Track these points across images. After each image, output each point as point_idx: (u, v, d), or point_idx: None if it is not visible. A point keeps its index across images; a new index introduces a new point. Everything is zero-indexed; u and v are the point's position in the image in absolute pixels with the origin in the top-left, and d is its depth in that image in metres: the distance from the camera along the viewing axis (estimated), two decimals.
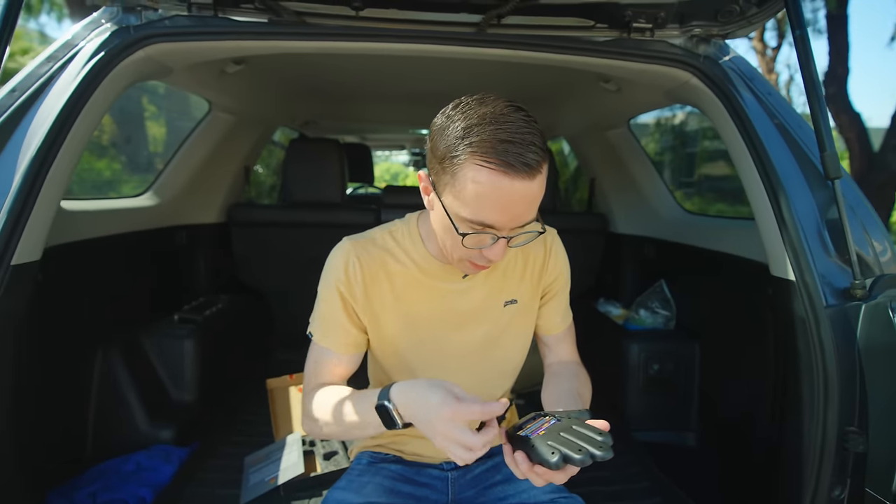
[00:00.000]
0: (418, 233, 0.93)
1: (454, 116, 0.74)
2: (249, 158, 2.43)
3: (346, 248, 0.91)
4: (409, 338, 0.95)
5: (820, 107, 1.04)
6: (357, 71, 1.88)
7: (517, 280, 0.97)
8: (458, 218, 0.76)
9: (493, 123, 0.70)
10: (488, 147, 0.70)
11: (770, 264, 1.15)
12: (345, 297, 0.90)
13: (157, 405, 1.60)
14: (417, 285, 0.92)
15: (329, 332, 0.91)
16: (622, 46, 1.22)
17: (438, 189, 0.77)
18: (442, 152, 0.74)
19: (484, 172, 0.70)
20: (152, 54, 1.17)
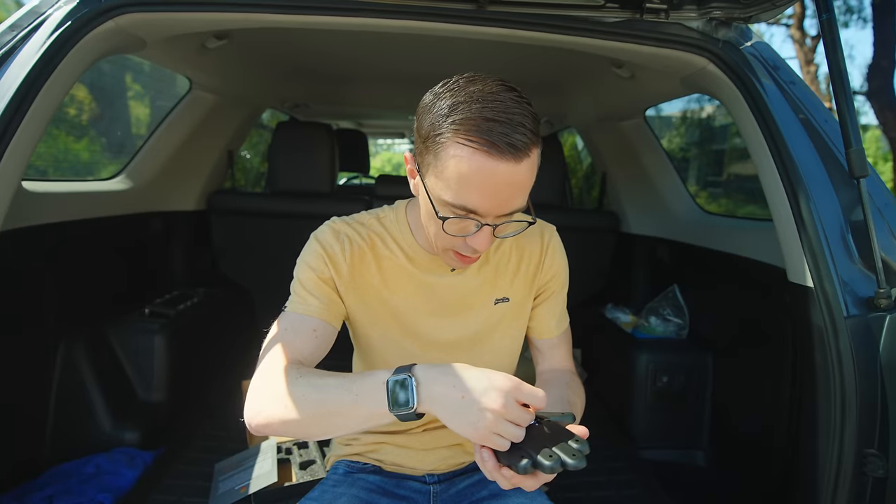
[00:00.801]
0: (406, 221, 0.94)
1: (442, 94, 0.75)
2: (233, 142, 2.44)
3: (336, 226, 0.91)
4: (392, 329, 0.95)
5: (846, 99, 1.04)
6: (350, 50, 1.88)
7: (510, 277, 0.98)
8: (439, 201, 0.75)
9: (481, 102, 0.70)
10: (472, 125, 0.69)
11: (787, 269, 1.14)
12: (329, 269, 0.88)
13: (122, 405, 1.61)
14: (404, 274, 0.93)
15: (307, 298, 0.87)
16: (634, 28, 1.21)
17: (422, 170, 0.78)
18: (426, 131, 0.74)
19: (466, 152, 0.70)
20: (124, 25, 1.17)
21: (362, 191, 4.04)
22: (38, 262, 1.42)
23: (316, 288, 0.88)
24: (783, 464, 1.33)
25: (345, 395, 0.69)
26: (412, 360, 0.94)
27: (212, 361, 2.04)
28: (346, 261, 0.89)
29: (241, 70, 2.07)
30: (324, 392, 0.70)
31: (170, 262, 2.18)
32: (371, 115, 4.08)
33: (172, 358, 1.74)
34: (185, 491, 1.38)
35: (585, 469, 1.18)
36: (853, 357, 0.97)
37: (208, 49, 1.66)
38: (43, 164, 5.05)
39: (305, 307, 0.87)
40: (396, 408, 0.66)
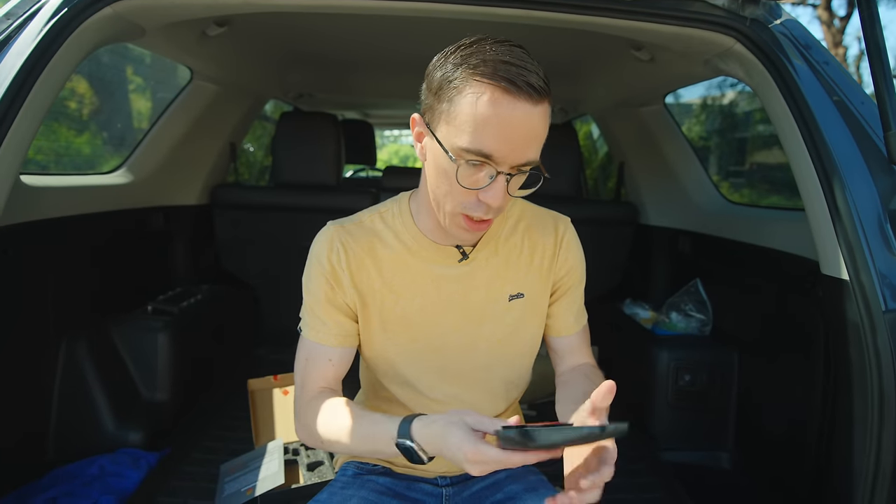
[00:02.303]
0: (409, 210, 0.93)
1: (452, 51, 0.77)
2: (236, 134, 2.44)
3: (329, 234, 0.92)
4: (401, 337, 0.93)
5: (886, 79, 1.01)
6: (356, 35, 1.87)
7: (523, 271, 0.96)
8: (454, 149, 0.75)
9: (495, 50, 0.73)
10: (490, 67, 0.71)
11: (820, 261, 1.11)
12: (331, 286, 0.90)
13: (126, 405, 1.62)
14: (408, 272, 0.92)
15: (317, 324, 0.92)
16: (654, 6, 1.18)
17: (433, 124, 0.78)
18: (438, 82, 0.76)
19: (484, 88, 0.72)
20: (121, 12, 1.17)
21: (369, 183, 4.04)
22: (37, 258, 1.43)
23: (324, 312, 0.91)
24: (815, 467, 1.31)
25: (371, 445, 0.82)
26: (420, 371, 0.95)
27: (217, 360, 2.05)
28: (344, 270, 0.90)
29: (242, 58, 2.06)
30: (352, 439, 0.83)
31: (172, 257, 2.19)
32: (377, 105, 4.07)
33: (176, 356, 1.75)
34: (190, 493, 1.39)
35: None
36: (892, 353, 0.95)
37: (209, 37, 1.65)
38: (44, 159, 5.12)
39: (316, 334, 0.91)
40: (415, 461, 0.77)
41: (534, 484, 0.99)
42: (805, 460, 1.36)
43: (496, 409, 1.03)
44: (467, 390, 0.99)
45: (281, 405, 1.75)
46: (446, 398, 0.98)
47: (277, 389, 1.78)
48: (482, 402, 1.01)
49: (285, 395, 1.77)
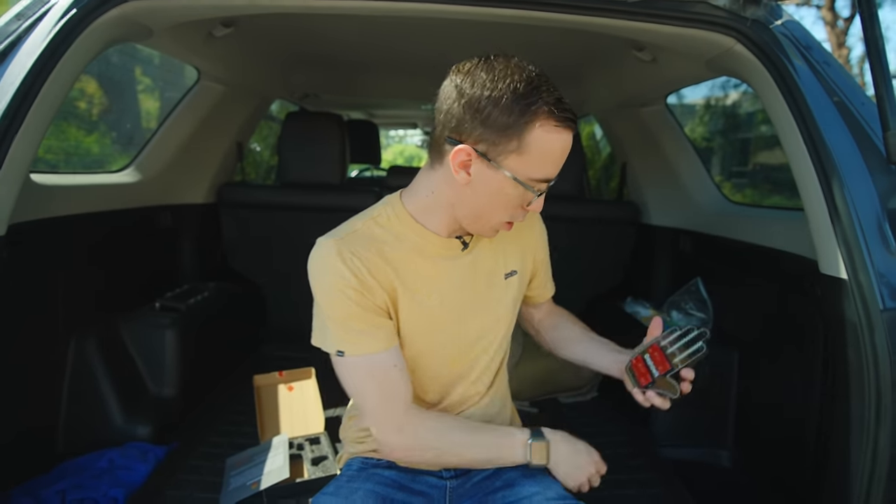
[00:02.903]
0: (407, 212, 0.95)
1: (493, 84, 0.82)
2: (242, 134, 2.45)
3: (333, 247, 0.90)
4: (425, 330, 0.97)
5: (885, 79, 1.00)
6: (360, 36, 1.87)
7: (514, 250, 1.06)
8: (529, 180, 0.86)
9: (542, 84, 0.83)
10: (553, 110, 0.82)
11: (819, 260, 1.11)
12: (361, 293, 0.89)
13: (135, 400, 1.64)
14: (419, 267, 0.95)
15: (360, 338, 0.90)
16: (655, 7, 1.18)
17: (497, 159, 0.84)
18: (502, 122, 0.82)
19: (555, 132, 0.83)
20: (129, 13, 1.18)
21: (373, 183, 4.04)
22: (47, 256, 1.45)
23: (363, 322, 0.90)
24: (813, 465, 1.30)
25: (488, 454, 0.97)
26: (440, 353, 0.99)
27: (224, 356, 2.06)
28: (366, 274, 0.90)
29: (249, 59, 2.07)
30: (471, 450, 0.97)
31: (180, 255, 2.21)
32: (382, 105, 4.08)
33: (184, 353, 1.76)
34: (197, 486, 1.39)
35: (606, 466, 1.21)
36: (889, 352, 0.95)
37: (215, 37, 1.66)
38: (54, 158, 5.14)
39: (367, 346, 0.91)
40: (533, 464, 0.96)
41: (531, 471, 1.01)
42: (804, 458, 1.35)
43: (488, 381, 1.08)
44: (472, 368, 1.04)
45: (286, 401, 1.76)
46: (451, 378, 1.03)
47: (282, 385, 1.79)
48: (482, 376, 1.06)
49: (290, 391, 1.78)
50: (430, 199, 0.93)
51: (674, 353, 0.96)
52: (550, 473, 0.97)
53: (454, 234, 0.97)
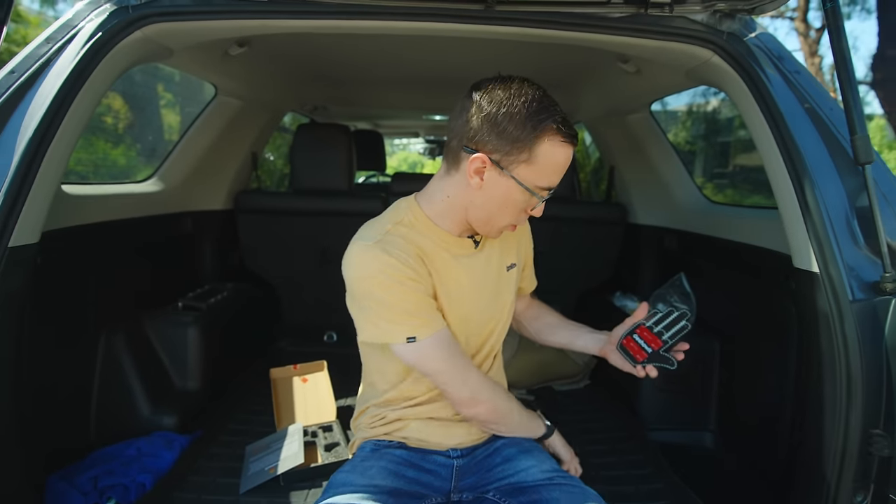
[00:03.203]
0: (425, 215, 1.00)
1: (509, 102, 0.87)
2: (257, 144, 2.45)
3: (375, 247, 0.93)
4: (452, 319, 1.01)
5: (851, 87, 1.00)
6: (363, 53, 1.88)
7: (512, 245, 1.12)
8: (535, 187, 0.92)
9: (550, 105, 0.89)
10: (560, 127, 0.88)
11: (793, 255, 1.11)
12: (415, 280, 0.93)
13: (160, 392, 1.65)
14: (444, 263, 0.99)
15: (427, 320, 0.94)
16: (639, 23, 1.18)
17: (508, 167, 0.90)
18: (515, 135, 0.87)
19: (558, 145, 0.89)
20: (151, 35, 1.18)
21: (379, 188, 4.05)
22: (78, 260, 1.46)
23: (426, 306, 0.95)
24: (790, 445, 1.31)
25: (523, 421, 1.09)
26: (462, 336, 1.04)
27: (241, 351, 2.07)
28: (414, 263, 0.94)
29: (262, 75, 2.08)
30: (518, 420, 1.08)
31: (200, 258, 2.21)
32: (387, 116, 4.08)
33: (205, 348, 1.76)
34: (218, 472, 1.40)
35: (597, 449, 1.25)
36: (859, 340, 0.95)
37: (231, 56, 1.67)
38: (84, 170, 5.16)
39: (436, 326, 0.95)
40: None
41: (527, 447, 1.04)
42: (780, 439, 1.36)
43: (490, 363, 1.12)
44: (481, 349, 1.08)
45: (300, 392, 1.76)
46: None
47: (297, 378, 1.80)
48: (487, 358, 1.10)
49: (304, 382, 1.79)
50: (446, 203, 0.98)
51: (661, 331, 1.01)
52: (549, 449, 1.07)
53: (465, 234, 1.02)
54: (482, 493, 0.99)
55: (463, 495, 1.01)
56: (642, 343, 1.03)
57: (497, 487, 0.98)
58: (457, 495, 1.02)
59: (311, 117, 3.31)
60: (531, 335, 1.26)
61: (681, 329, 1.00)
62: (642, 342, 1.03)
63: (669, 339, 1.00)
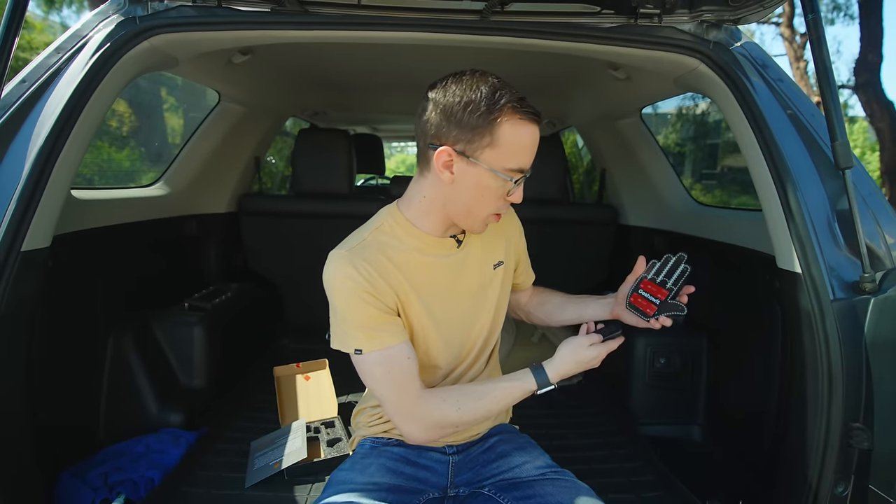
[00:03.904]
0: (405, 218, 0.98)
1: (462, 91, 0.86)
2: (259, 149, 2.46)
3: (345, 257, 0.91)
4: (433, 324, 0.99)
5: (832, 94, 1.02)
6: (363, 61, 1.89)
7: (500, 243, 1.08)
8: (505, 170, 0.89)
9: (504, 88, 0.87)
10: (516, 106, 0.86)
11: (777, 256, 1.13)
12: (373, 295, 0.91)
13: (167, 390, 1.65)
14: (424, 267, 0.97)
15: (375, 335, 0.91)
16: (629, 33, 1.20)
17: (474, 155, 0.88)
18: (474, 122, 0.86)
19: (520, 125, 0.87)
20: (157, 45, 1.19)
21: (378, 191, 4.05)
22: (88, 262, 1.46)
23: (377, 321, 0.91)
24: (774, 437, 1.32)
25: (502, 404, 0.96)
26: (449, 343, 1.01)
27: (246, 350, 2.07)
28: (377, 278, 0.91)
29: (264, 82, 2.08)
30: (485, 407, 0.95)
31: (205, 260, 2.22)
32: (385, 121, 4.09)
33: (210, 347, 1.77)
34: (224, 467, 1.41)
35: (590, 443, 1.23)
36: (839, 338, 0.96)
37: (234, 64, 1.67)
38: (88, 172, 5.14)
39: (380, 342, 0.91)
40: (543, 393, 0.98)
41: (522, 444, 1.05)
42: (765, 431, 1.37)
43: (484, 360, 1.10)
44: (472, 349, 1.06)
45: (303, 389, 1.77)
46: (454, 359, 1.04)
47: (300, 375, 1.80)
48: (479, 357, 1.08)
49: (307, 380, 1.79)
50: (424, 204, 0.96)
51: (664, 280, 1.00)
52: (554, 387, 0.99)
53: (448, 233, 1.00)
54: (478, 489, 0.99)
55: (459, 490, 1.02)
56: (649, 296, 1.00)
57: (492, 483, 0.98)
58: (453, 490, 1.02)
59: (311, 122, 3.31)
60: (542, 321, 1.23)
61: (682, 273, 1.00)
62: (649, 296, 1.00)
63: (674, 285, 0.99)
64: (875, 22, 7.05)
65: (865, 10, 7.20)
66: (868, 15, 7.14)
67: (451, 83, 0.88)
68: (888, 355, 0.92)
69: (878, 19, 7.01)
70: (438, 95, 0.88)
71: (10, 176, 0.99)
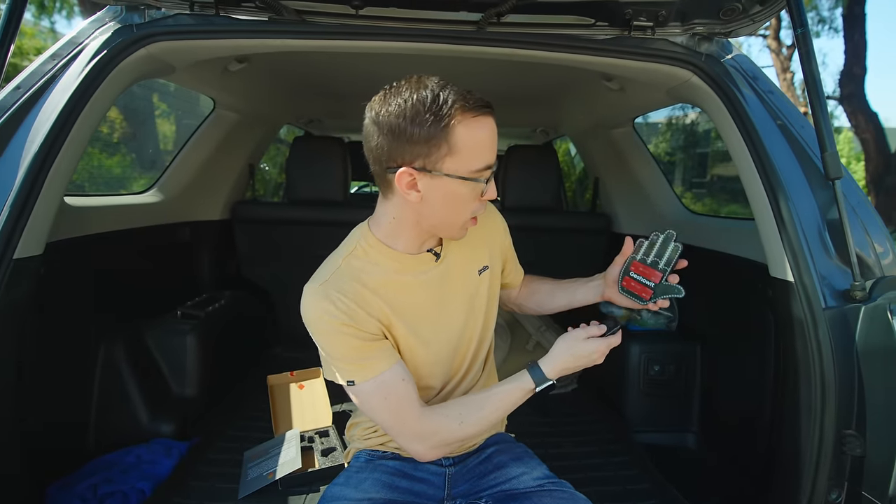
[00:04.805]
0: (378, 240, 0.94)
1: (404, 104, 0.81)
2: (254, 156, 2.45)
3: (319, 291, 0.89)
4: (419, 345, 0.96)
5: (821, 106, 1.04)
6: (358, 70, 1.89)
7: (483, 247, 1.05)
8: (471, 173, 0.85)
9: (445, 87, 0.82)
10: (463, 104, 0.81)
11: (769, 265, 1.14)
12: (354, 327, 0.88)
13: (159, 400, 1.63)
14: (404, 288, 0.94)
15: (365, 364, 0.89)
16: (622, 45, 1.22)
17: (435, 167, 0.83)
18: (424, 133, 0.81)
19: (474, 123, 0.82)
20: (154, 52, 1.19)
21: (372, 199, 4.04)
22: (81, 269, 1.44)
23: (363, 351, 0.89)
24: (768, 445, 1.33)
25: (501, 412, 0.94)
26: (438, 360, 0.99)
27: (239, 358, 2.05)
28: (355, 308, 0.88)
29: (260, 90, 2.08)
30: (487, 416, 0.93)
31: (199, 267, 2.20)
32: None
33: (203, 356, 1.75)
34: (217, 478, 1.39)
35: (585, 451, 1.22)
36: (832, 346, 0.98)
37: (230, 72, 1.68)
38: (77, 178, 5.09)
39: (372, 370, 0.89)
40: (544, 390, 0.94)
41: (519, 454, 1.04)
42: (760, 439, 1.38)
43: (479, 367, 1.08)
44: (465, 358, 1.04)
45: (297, 398, 1.76)
46: (449, 371, 1.02)
47: (294, 384, 1.79)
48: (472, 364, 1.06)
49: (301, 389, 1.78)
50: (394, 225, 0.92)
51: (655, 261, 0.97)
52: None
53: (424, 248, 0.96)
54: (475, 500, 0.98)
55: (456, 502, 1.00)
56: (642, 279, 0.98)
57: (489, 494, 0.97)
58: (450, 502, 1.01)
59: (306, 129, 3.31)
60: (534, 311, 1.22)
61: (673, 251, 0.97)
62: (641, 278, 0.98)
63: (666, 265, 0.96)
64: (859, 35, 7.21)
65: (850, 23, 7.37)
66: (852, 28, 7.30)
67: (389, 98, 0.84)
68: (878, 363, 0.93)
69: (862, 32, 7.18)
70: (381, 115, 0.83)
71: (3, 183, 0.98)
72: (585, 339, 0.95)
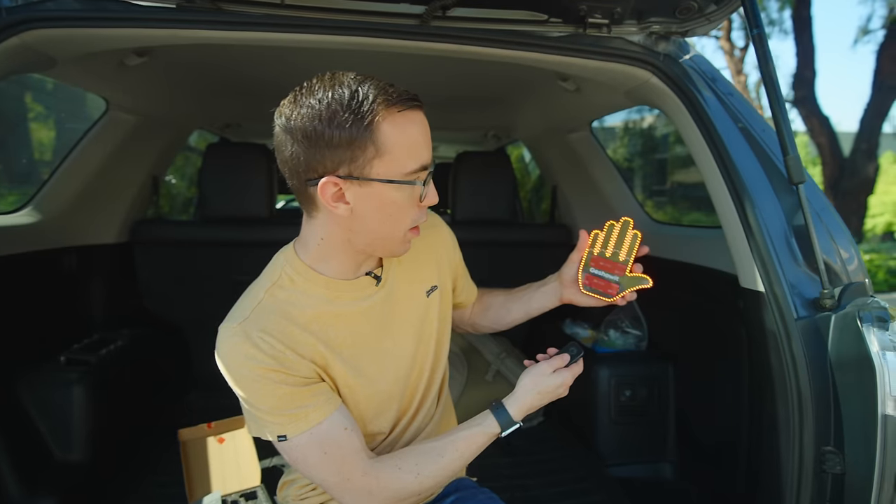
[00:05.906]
0: (305, 266, 0.90)
1: (319, 105, 0.78)
2: (158, 167, 2.34)
3: (239, 332, 0.84)
4: (361, 382, 0.93)
5: (781, 109, 1.13)
6: (285, 66, 1.86)
7: (431, 266, 1.04)
8: (406, 175, 0.82)
9: (365, 81, 0.79)
10: (385, 98, 0.78)
11: (739, 275, 1.22)
12: (282, 373, 0.83)
13: (35, 468, 1.48)
14: (339, 320, 0.90)
15: (299, 413, 0.84)
16: (577, 43, 1.28)
17: (363, 173, 0.80)
18: (346, 137, 0.78)
19: (402, 119, 0.80)
20: (30, 42, 1.11)
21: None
22: None
23: (296, 399, 0.84)
24: (747, 468, 1.40)
25: (464, 460, 0.93)
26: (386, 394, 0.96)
27: (143, 410, 1.92)
28: (283, 350, 0.84)
29: (165, 89, 2.00)
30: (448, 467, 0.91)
31: (88, 302, 2.05)
32: None
33: (95, 410, 1.62)
34: None
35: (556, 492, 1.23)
36: (806, 358, 1.05)
37: (127, 67, 1.60)
38: None
39: (307, 421, 0.84)
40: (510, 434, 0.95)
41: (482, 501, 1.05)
42: (739, 461, 1.45)
43: (433, 398, 1.07)
44: (416, 390, 1.02)
45: (216, 455, 1.66)
46: (400, 407, 1.00)
47: (212, 438, 1.69)
48: (426, 396, 1.04)
49: (221, 443, 1.68)
50: (323, 247, 0.89)
51: (615, 252, 1.00)
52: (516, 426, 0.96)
53: (361, 271, 0.93)
54: None
55: None
56: (605, 275, 1.00)
57: None
58: None
59: (222, 135, 3.21)
60: (490, 328, 1.22)
61: (633, 240, 1.00)
62: (604, 273, 1.00)
63: (627, 256, 0.99)
64: (807, 38, 8.02)
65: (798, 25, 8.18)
66: (801, 31, 8.11)
67: (301, 99, 0.80)
68: (851, 373, 1.01)
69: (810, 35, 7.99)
70: (294, 120, 0.79)
71: None
72: (551, 372, 0.95)
